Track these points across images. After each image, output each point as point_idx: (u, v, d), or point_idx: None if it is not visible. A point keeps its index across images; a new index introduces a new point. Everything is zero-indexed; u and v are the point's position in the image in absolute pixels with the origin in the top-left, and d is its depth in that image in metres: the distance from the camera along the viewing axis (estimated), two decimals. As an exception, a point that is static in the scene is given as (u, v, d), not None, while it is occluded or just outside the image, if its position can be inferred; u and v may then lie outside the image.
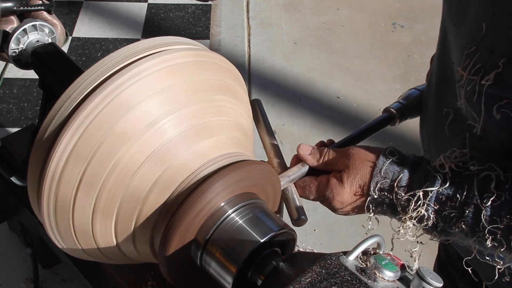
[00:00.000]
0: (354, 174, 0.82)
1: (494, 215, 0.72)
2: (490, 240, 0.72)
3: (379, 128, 1.03)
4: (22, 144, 1.14)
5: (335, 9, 3.16)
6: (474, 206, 0.73)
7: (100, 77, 0.76)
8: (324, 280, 0.69)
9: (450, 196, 0.75)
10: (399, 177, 0.79)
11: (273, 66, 2.77)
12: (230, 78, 0.87)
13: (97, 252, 0.84)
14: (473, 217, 0.73)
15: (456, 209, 0.74)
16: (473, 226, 0.74)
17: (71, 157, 0.74)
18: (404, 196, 0.78)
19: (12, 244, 1.73)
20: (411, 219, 0.78)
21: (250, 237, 0.78)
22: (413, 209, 0.77)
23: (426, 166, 0.78)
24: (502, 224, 0.71)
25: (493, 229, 0.72)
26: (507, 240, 0.71)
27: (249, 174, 0.82)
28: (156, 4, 3.07)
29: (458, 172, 0.76)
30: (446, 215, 0.75)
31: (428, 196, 0.76)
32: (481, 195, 0.73)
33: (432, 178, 0.76)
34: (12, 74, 2.52)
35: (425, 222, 0.77)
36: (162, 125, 0.76)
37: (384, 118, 1.03)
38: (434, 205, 0.76)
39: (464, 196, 0.74)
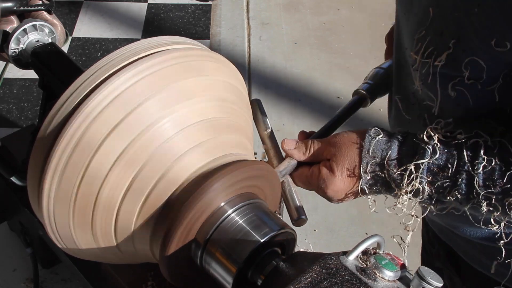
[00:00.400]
0: (342, 160, 0.82)
1: (487, 181, 0.72)
2: (485, 206, 0.73)
3: (353, 111, 1.04)
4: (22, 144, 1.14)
5: (335, 9, 3.16)
6: (466, 174, 0.73)
7: (100, 77, 0.76)
8: (324, 280, 0.69)
9: (441, 166, 0.75)
10: (388, 154, 0.78)
11: (273, 66, 2.77)
12: (230, 78, 0.87)
13: (97, 252, 0.84)
14: (466, 185, 0.74)
15: (449, 179, 0.75)
16: (467, 194, 0.74)
17: (71, 157, 0.74)
18: (396, 172, 0.77)
19: (12, 244, 1.73)
20: (407, 194, 0.78)
21: (250, 237, 0.78)
22: (407, 183, 0.77)
23: (413, 139, 0.78)
24: (495, 188, 0.72)
25: (487, 194, 0.72)
26: (502, 203, 0.72)
27: (249, 174, 0.82)
28: (156, 4, 3.07)
29: (446, 142, 0.76)
30: (439, 185, 0.75)
31: (420, 168, 0.76)
32: (472, 162, 0.73)
33: (421, 151, 0.76)
34: (12, 74, 2.52)
35: (420, 195, 0.77)
36: (162, 125, 0.76)
37: (356, 101, 1.04)
38: (427, 176, 0.76)
39: (455, 165, 0.74)
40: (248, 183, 0.83)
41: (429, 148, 0.76)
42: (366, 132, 0.81)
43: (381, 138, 0.80)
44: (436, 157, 0.75)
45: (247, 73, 2.72)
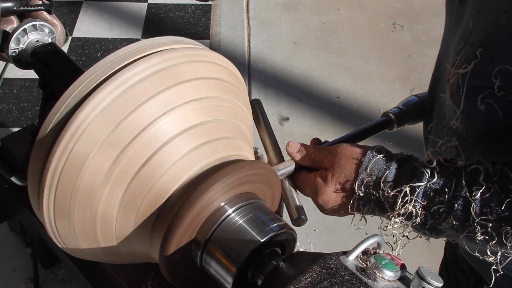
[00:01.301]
0: (338, 172, 0.81)
1: (484, 208, 0.70)
2: (481, 234, 0.71)
3: (375, 132, 1.02)
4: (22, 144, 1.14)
5: (335, 9, 3.16)
6: (463, 200, 0.72)
7: (101, 77, 0.76)
8: (324, 280, 0.69)
9: (438, 191, 0.73)
10: (385, 174, 0.77)
11: (273, 66, 2.77)
12: (231, 78, 0.87)
13: (97, 252, 0.84)
14: (463, 211, 0.72)
15: (445, 204, 0.73)
16: (463, 220, 0.72)
17: (71, 157, 0.74)
18: (390, 193, 0.76)
19: (12, 244, 1.73)
20: (399, 216, 0.76)
21: (250, 237, 0.78)
22: (400, 205, 0.75)
23: (413, 162, 0.77)
24: (492, 216, 0.70)
25: (483, 221, 0.70)
26: (498, 232, 0.70)
27: (249, 174, 0.82)
28: (156, 4, 3.07)
29: (446, 167, 0.75)
30: (435, 210, 0.74)
31: (416, 192, 0.74)
32: (469, 188, 0.71)
33: (419, 174, 0.75)
34: (12, 74, 2.52)
35: (413, 220, 0.76)
36: (162, 125, 0.76)
37: (381, 122, 1.03)
38: (422, 201, 0.74)
39: (453, 190, 0.72)
40: (248, 183, 0.83)
41: (427, 172, 0.74)
42: (368, 149, 0.81)
43: (382, 157, 0.79)
44: (433, 181, 0.74)
45: (247, 73, 2.72)
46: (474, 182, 0.71)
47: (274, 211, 0.92)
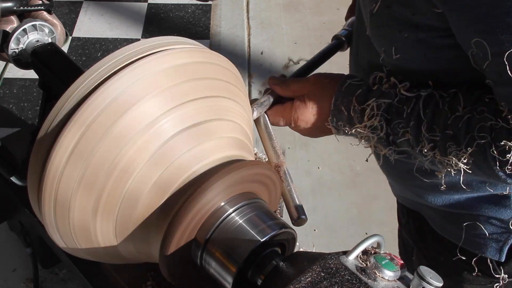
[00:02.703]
0: (317, 95, 0.90)
1: (433, 125, 0.78)
2: (429, 148, 0.79)
3: (331, 54, 1.12)
4: (22, 144, 1.14)
5: (335, 9, 3.16)
6: (418, 117, 0.80)
7: (101, 77, 0.76)
8: (324, 280, 0.69)
9: (399, 108, 0.82)
10: (357, 92, 0.86)
11: (273, 66, 2.77)
12: (230, 78, 0.87)
13: (97, 252, 0.84)
14: (416, 127, 0.80)
15: (403, 120, 0.81)
16: (416, 136, 0.80)
17: (71, 157, 0.74)
18: (360, 107, 0.85)
19: (12, 244, 1.74)
20: (366, 127, 0.84)
21: (250, 236, 0.78)
22: (367, 117, 0.84)
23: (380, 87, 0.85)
24: (439, 132, 0.78)
25: (431, 137, 0.79)
26: (444, 147, 0.78)
27: (249, 173, 0.82)
28: (156, 4, 3.07)
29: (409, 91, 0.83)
30: (395, 124, 0.82)
31: (382, 107, 0.83)
32: (424, 108, 0.80)
33: (385, 94, 0.84)
34: (12, 74, 2.52)
35: (378, 132, 0.84)
36: (162, 125, 0.76)
37: (334, 45, 1.12)
38: (387, 114, 0.83)
39: (411, 109, 0.81)
40: (248, 183, 0.83)
41: (393, 92, 0.83)
42: (343, 75, 0.91)
43: (356, 80, 0.88)
44: (396, 99, 0.82)
45: (247, 73, 2.72)
46: (429, 103, 0.80)
47: (274, 211, 0.92)
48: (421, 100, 0.80)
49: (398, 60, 0.82)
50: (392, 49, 0.82)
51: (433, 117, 0.79)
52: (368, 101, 0.84)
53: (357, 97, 0.85)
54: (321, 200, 2.22)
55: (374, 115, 0.83)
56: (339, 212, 2.19)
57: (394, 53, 0.82)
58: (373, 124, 0.84)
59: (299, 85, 0.94)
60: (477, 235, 0.98)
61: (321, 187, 2.28)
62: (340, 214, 2.18)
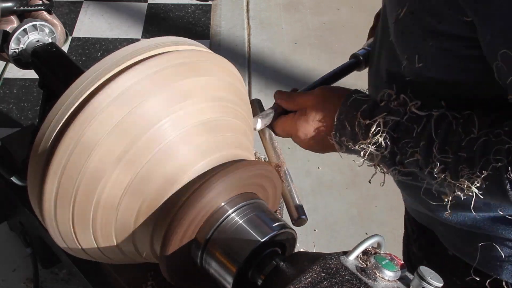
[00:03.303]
0: (319, 108, 0.89)
1: (445, 146, 0.76)
2: (440, 170, 0.76)
3: (347, 73, 1.09)
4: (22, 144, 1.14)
5: (335, 9, 3.16)
6: (429, 137, 0.77)
7: (101, 78, 0.76)
8: (324, 280, 0.69)
9: (409, 127, 0.79)
10: (362, 107, 0.84)
11: (273, 66, 2.77)
12: (230, 78, 0.87)
13: (97, 252, 0.84)
14: (427, 147, 0.77)
15: (412, 139, 0.78)
16: (426, 157, 0.77)
17: (72, 157, 0.74)
18: (365, 122, 0.82)
19: (12, 244, 1.73)
20: (370, 144, 0.82)
21: (250, 236, 0.78)
22: (372, 134, 0.81)
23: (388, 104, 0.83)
24: (451, 153, 0.75)
25: (443, 159, 0.76)
26: (455, 170, 0.75)
27: (249, 174, 0.82)
28: (156, 4, 3.07)
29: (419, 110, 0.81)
30: (403, 144, 0.79)
31: (388, 124, 0.80)
32: (436, 128, 0.77)
33: (393, 111, 0.81)
34: (12, 74, 2.52)
35: (382, 150, 0.81)
36: (162, 124, 0.76)
37: (351, 63, 1.09)
38: (393, 133, 0.80)
39: (421, 127, 0.78)
40: (248, 183, 0.83)
41: (401, 110, 0.81)
42: (348, 90, 0.88)
43: (362, 96, 0.86)
44: (406, 117, 0.80)
45: (247, 73, 2.72)
46: (441, 123, 0.77)
47: (275, 211, 0.92)
48: (433, 120, 0.78)
49: (421, 69, 0.80)
50: (416, 57, 0.79)
51: (446, 137, 0.76)
52: (374, 117, 0.82)
53: (362, 112, 0.83)
54: (321, 200, 2.22)
55: (380, 132, 0.81)
56: (339, 212, 2.19)
57: (417, 61, 0.79)
58: (377, 141, 0.81)
59: (304, 98, 0.92)
60: (492, 257, 0.94)
61: (321, 187, 2.28)
62: (340, 214, 2.18)
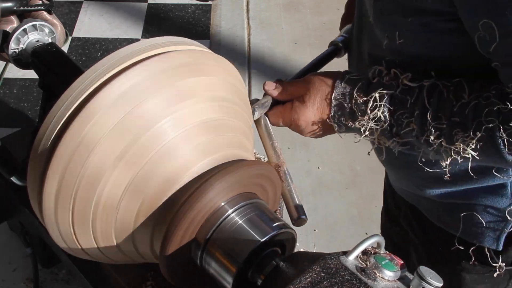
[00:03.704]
0: (315, 93, 0.90)
1: (439, 113, 0.79)
2: (435, 137, 0.79)
3: (328, 60, 1.11)
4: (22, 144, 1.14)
5: (335, 9, 3.16)
6: (422, 106, 0.80)
7: (101, 78, 0.76)
8: (324, 280, 0.69)
9: (403, 99, 0.82)
10: (357, 85, 0.86)
11: (273, 66, 2.77)
12: (230, 78, 0.87)
13: (97, 252, 0.84)
14: (421, 116, 0.80)
15: (407, 110, 0.81)
16: (421, 125, 0.80)
17: (72, 157, 0.74)
18: (362, 99, 0.84)
19: (12, 244, 1.74)
20: (369, 120, 0.84)
21: (250, 236, 0.78)
22: (370, 109, 0.83)
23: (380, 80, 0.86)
24: (445, 120, 0.78)
25: (437, 125, 0.79)
26: (450, 135, 0.78)
27: (249, 173, 0.82)
28: (156, 4, 3.07)
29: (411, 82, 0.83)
30: (399, 115, 0.82)
31: (384, 98, 0.83)
32: (428, 97, 0.80)
33: (387, 85, 0.84)
34: (12, 74, 2.52)
35: (381, 124, 0.84)
36: (162, 125, 0.76)
37: (331, 51, 1.12)
38: (390, 105, 0.83)
39: (414, 98, 0.81)
40: (248, 183, 0.83)
41: (395, 83, 0.83)
42: (339, 72, 0.90)
43: (355, 75, 0.88)
44: (399, 90, 0.82)
45: (247, 73, 2.72)
46: (433, 92, 0.80)
47: (274, 211, 0.92)
48: (424, 90, 0.80)
49: (402, 45, 0.82)
50: (396, 34, 0.81)
51: (438, 105, 0.79)
52: (370, 93, 0.84)
53: (358, 90, 0.85)
54: (321, 200, 2.22)
55: (377, 106, 0.83)
56: (339, 212, 2.19)
57: (398, 38, 0.81)
58: (376, 116, 0.83)
59: (296, 86, 0.94)
60: (474, 225, 0.98)
61: (321, 187, 2.28)
62: (340, 214, 2.18)
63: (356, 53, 1.01)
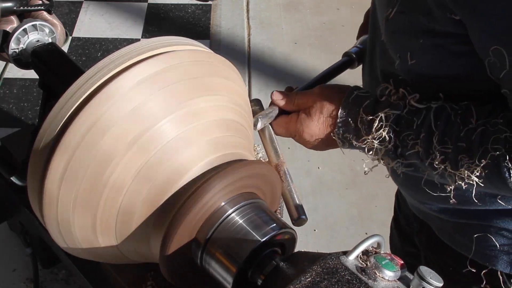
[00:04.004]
0: (321, 107, 0.89)
1: (445, 137, 0.77)
2: (440, 161, 0.78)
3: (340, 71, 1.10)
4: (22, 144, 1.14)
5: (335, 9, 3.16)
6: (429, 129, 0.79)
7: (102, 78, 0.76)
8: (324, 280, 0.69)
9: (409, 120, 0.81)
10: (364, 103, 0.85)
11: (273, 66, 2.77)
12: (230, 79, 0.87)
13: (97, 252, 0.84)
14: (427, 139, 0.79)
15: (413, 131, 0.80)
16: (427, 148, 0.79)
17: (72, 157, 0.74)
18: (368, 118, 0.83)
19: (12, 244, 1.73)
20: (374, 139, 0.83)
21: (250, 236, 0.78)
22: (376, 129, 0.82)
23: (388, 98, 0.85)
24: (451, 144, 0.77)
25: (443, 149, 0.77)
26: (455, 160, 0.77)
27: (249, 173, 0.82)
28: (156, 4, 3.07)
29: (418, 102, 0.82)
30: (404, 137, 0.81)
31: (390, 118, 0.82)
32: (435, 120, 0.79)
33: (394, 105, 0.83)
34: (12, 74, 2.52)
35: (386, 144, 0.83)
36: (162, 125, 0.76)
37: (344, 62, 1.10)
38: (396, 126, 0.82)
39: (421, 120, 0.80)
40: (248, 183, 0.83)
41: (402, 104, 0.82)
42: (348, 87, 0.89)
43: (361, 92, 0.87)
44: (406, 110, 0.81)
45: (247, 73, 2.72)
46: (440, 115, 0.79)
47: (274, 211, 0.92)
48: (432, 112, 0.79)
49: (413, 66, 0.81)
50: (408, 54, 0.80)
51: (445, 129, 0.78)
52: (376, 112, 0.83)
53: (364, 108, 0.84)
54: (321, 200, 2.22)
55: (383, 126, 0.82)
56: (339, 212, 2.19)
57: (410, 58, 0.80)
58: (381, 136, 0.82)
59: (304, 98, 0.92)
60: (487, 247, 0.96)
61: (321, 187, 2.28)
62: (340, 214, 2.18)
63: (369, 67, 1.00)
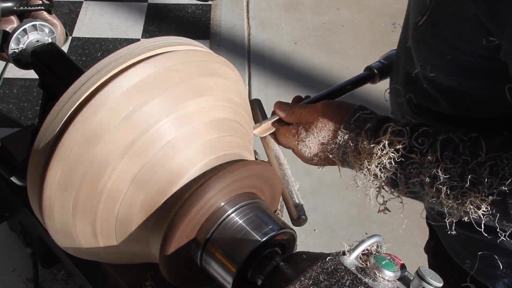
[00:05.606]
0: (321, 125, 0.87)
1: (452, 168, 0.75)
2: (445, 194, 0.75)
3: (360, 84, 1.08)
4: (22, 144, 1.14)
5: (335, 9, 3.15)
6: (435, 158, 0.76)
7: (101, 78, 0.75)
8: (324, 280, 0.69)
9: (413, 147, 0.78)
10: (367, 126, 0.82)
11: (273, 66, 2.76)
12: (232, 79, 0.87)
13: (97, 252, 0.84)
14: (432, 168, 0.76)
15: (418, 160, 0.77)
16: (432, 178, 0.76)
17: (71, 158, 0.74)
18: (370, 143, 0.81)
19: (12, 244, 1.73)
20: (376, 166, 0.80)
21: (250, 236, 0.78)
22: (377, 156, 0.80)
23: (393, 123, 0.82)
24: (457, 177, 0.74)
25: (448, 181, 0.75)
26: (462, 194, 0.74)
27: (249, 174, 0.82)
28: (156, 4, 3.07)
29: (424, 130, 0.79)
30: (408, 164, 0.78)
31: (393, 145, 0.79)
32: (442, 150, 0.75)
33: (398, 131, 0.80)
34: (12, 74, 2.52)
35: (387, 172, 0.80)
36: (161, 125, 0.76)
37: (365, 76, 1.08)
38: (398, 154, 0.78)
39: (427, 148, 0.77)
40: (248, 183, 0.83)
41: (406, 130, 0.79)
42: (352, 105, 0.87)
43: (365, 112, 0.84)
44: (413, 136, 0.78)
45: (247, 73, 2.72)
46: (447, 145, 0.76)
47: (274, 211, 0.92)
48: (438, 141, 0.76)
49: (434, 77, 0.79)
50: (428, 66, 0.78)
51: (451, 160, 0.75)
52: (379, 136, 0.80)
53: (366, 132, 0.82)
54: (321, 200, 2.22)
55: (384, 154, 0.79)
56: (339, 212, 2.19)
57: (430, 70, 0.78)
58: (381, 162, 0.80)
59: (306, 112, 0.91)
60: (489, 266, 0.93)
61: (321, 187, 2.27)
62: (340, 214, 2.18)
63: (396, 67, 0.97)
